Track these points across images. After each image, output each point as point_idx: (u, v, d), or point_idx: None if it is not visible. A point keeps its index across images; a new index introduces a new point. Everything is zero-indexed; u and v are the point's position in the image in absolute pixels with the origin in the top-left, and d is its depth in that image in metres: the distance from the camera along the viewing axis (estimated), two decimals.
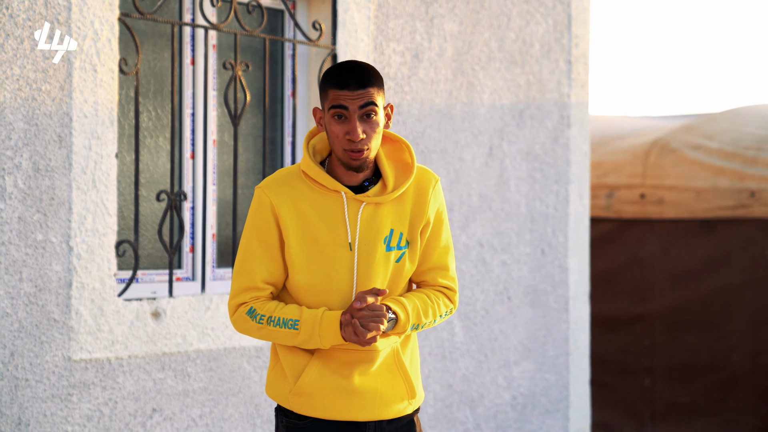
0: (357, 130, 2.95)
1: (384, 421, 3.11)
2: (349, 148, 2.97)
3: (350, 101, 2.96)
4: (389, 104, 3.09)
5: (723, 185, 7.38)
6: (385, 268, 3.06)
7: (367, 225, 3.04)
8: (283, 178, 3.09)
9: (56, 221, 4.29)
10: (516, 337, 6.10)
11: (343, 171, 3.06)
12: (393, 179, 3.08)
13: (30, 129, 4.21)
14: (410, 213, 3.09)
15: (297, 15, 5.24)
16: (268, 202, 3.05)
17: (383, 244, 3.05)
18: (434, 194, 3.12)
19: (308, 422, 3.10)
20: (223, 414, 4.83)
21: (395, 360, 3.10)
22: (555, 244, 6.29)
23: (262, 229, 3.06)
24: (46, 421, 4.28)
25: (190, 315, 4.70)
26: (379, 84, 3.01)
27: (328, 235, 3.03)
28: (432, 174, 3.15)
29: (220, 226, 5.06)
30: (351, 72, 2.98)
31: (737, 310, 7.31)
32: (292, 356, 3.09)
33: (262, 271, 3.06)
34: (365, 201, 3.04)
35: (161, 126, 4.87)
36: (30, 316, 4.23)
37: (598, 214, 7.76)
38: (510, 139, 6.03)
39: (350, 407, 3.06)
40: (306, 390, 3.07)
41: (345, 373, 3.06)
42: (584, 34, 6.44)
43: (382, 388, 3.08)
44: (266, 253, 3.06)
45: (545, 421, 6.27)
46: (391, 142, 3.15)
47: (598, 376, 7.49)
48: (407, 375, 3.12)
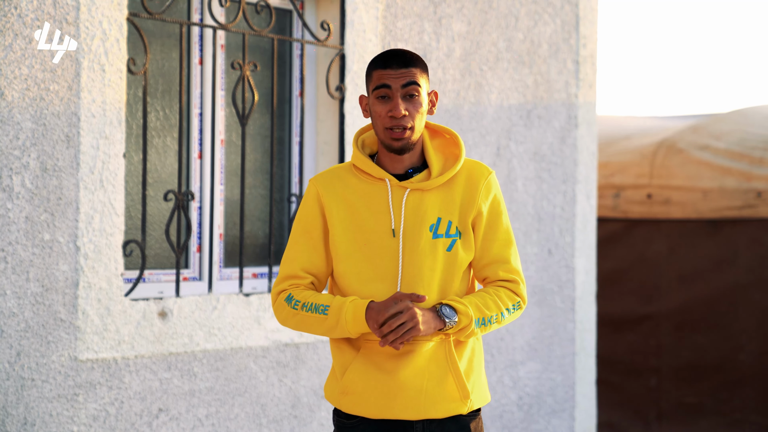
0: (399, 106, 2.98)
1: (434, 422, 3.05)
2: (391, 125, 3.00)
3: (393, 80, 2.99)
4: (433, 91, 3.11)
5: (730, 185, 7.36)
6: (432, 255, 3.03)
7: (413, 212, 3.04)
8: (334, 171, 3.15)
9: (63, 221, 4.29)
10: (522, 337, 6.10)
11: (389, 161, 3.09)
12: (439, 167, 3.09)
13: (38, 129, 4.21)
14: (460, 202, 3.08)
15: (305, 15, 5.24)
16: (315, 192, 3.11)
17: (429, 232, 3.03)
18: (487, 186, 3.10)
19: (356, 422, 3.08)
20: (230, 414, 4.83)
21: (447, 357, 3.05)
22: (562, 244, 6.28)
23: (307, 219, 3.11)
24: (52, 420, 4.29)
25: (197, 315, 4.70)
26: (423, 67, 3.04)
27: (373, 222, 3.05)
28: (486, 167, 3.14)
29: (228, 226, 5.06)
30: (394, 54, 3.03)
31: (744, 310, 7.30)
32: (340, 353, 3.10)
33: (302, 260, 3.10)
34: (409, 187, 3.04)
35: (169, 126, 4.87)
36: (37, 316, 4.23)
37: (605, 214, 7.75)
38: (517, 139, 6.02)
39: (393, 405, 3.02)
40: (351, 387, 3.05)
41: (388, 368, 3.02)
42: (592, 34, 6.43)
43: (428, 384, 3.03)
44: (308, 243, 3.10)
45: (551, 421, 6.27)
46: (442, 136, 3.17)
47: (604, 376, 7.48)
48: (459, 373, 3.05)
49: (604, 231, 7.62)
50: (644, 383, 7.67)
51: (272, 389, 4.96)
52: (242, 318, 4.84)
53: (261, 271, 5.13)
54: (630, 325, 7.72)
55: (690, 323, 7.49)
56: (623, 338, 7.73)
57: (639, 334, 7.68)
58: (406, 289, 3.02)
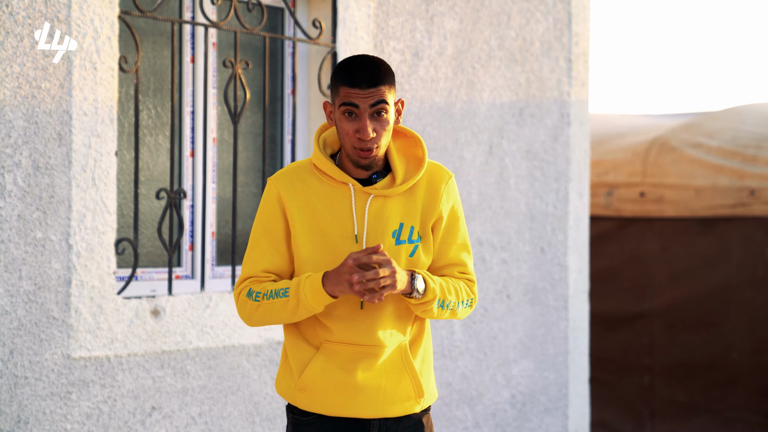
0: (367, 128, 2.95)
1: (390, 420, 3.08)
2: (359, 146, 2.97)
3: (361, 99, 2.95)
4: (400, 100, 3.08)
5: (723, 183, 7.37)
6: (395, 261, 3.01)
7: (375, 218, 3.03)
8: (294, 171, 3.10)
9: (56, 219, 4.29)
10: (515, 336, 6.10)
11: (352, 165, 3.06)
12: (402, 173, 3.07)
13: (30, 127, 4.20)
14: (421, 207, 3.08)
15: (297, 13, 5.24)
16: (276, 192, 3.07)
17: (392, 238, 3.03)
18: (447, 190, 3.11)
19: (312, 418, 3.09)
20: (222, 412, 4.83)
21: (402, 357, 3.08)
22: (554, 243, 6.29)
23: (268, 220, 3.07)
24: (45, 419, 4.28)
25: (190, 313, 4.70)
26: (391, 81, 3.00)
27: (335, 227, 3.03)
28: (446, 170, 3.13)
29: (220, 225, 5.06)
30: (362, 69, 2.96)
31: (737, 309, 7.31)
32: (297, 350, 3.09)
33: (264, 261, 3.07)
34: (373, 193, 3.03)
35: (161, 124, 4.87)
36: (29, 314, 4.23)
37: (597, 213, 7.75)
38: (510, 138, 6.02)
39: (353, 403, 3.04)
40: (309, 385, 3.05)
41: (348, 368, 3.03)
42: (584, 32, 6.43)
43: (386, 384, 3.05)
44: (270, 244, 3.07)
45: (544, 420, 6.27)
46: (404, 137, 3.15)
47: (597, 374, 7.49)
48: (415, 373, 3.08)
49: (597, 229, 7.62)
50: (637, 381, 7.67)
51: (265, 387, 4.96)
52: (235, 316, 4.84)
53: None
54: (623, 324, 7.73)
55: (682, 321, 7.50)
56: (616, 336, 7.73)
57: (632, 332, 7.69)
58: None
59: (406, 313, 3.08)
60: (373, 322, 3.03)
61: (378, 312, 3.03)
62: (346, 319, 3.03)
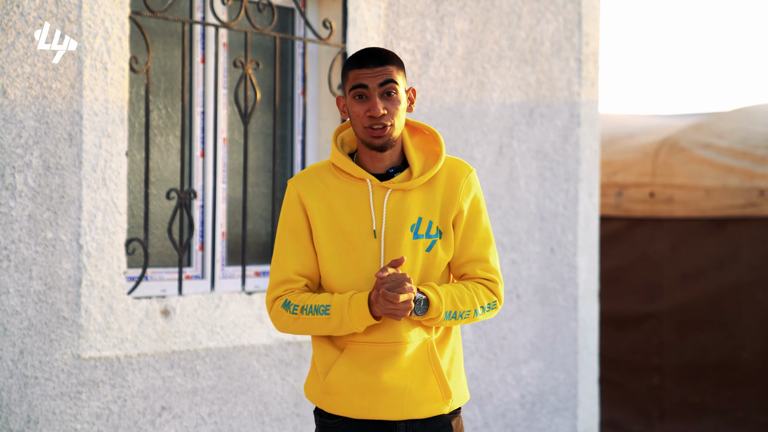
0: (377, 105, 2.96)
1: (417, 422, 3.05)
2: (370, 124, 2.98)
3: (369, 79, 2.97)
4: (411, 88, 3.09)
5: (732, 184, 7.36)
6: (413, 256, 3.02)
7: (393, 213, 3.03)
8: (313, 171, 3.12)
9: (66, 219, 4.29)
10: (525, 336, 6.10)
11: (369, 160, 3.07)
12: (420, 166, 3.07)
13: (40, 127, 4.21)
14: (441, 202, 3.07)
15: (307, 13, 5.24)
16: (295, 193, 3.08)
17: (410, 232, 3.02)
18: (467, 184, 3.09)
19: (338, 421, 3.08)
20: (232, 412, 4.83)
21: (429, 357, 3.05)
22: (564, 243, 6.28)
23: (291, 221, 3.08)
24: (55, 419, 4.29)
25: (200, 313, 4.71)
26: (399, 64, 3.02)
27: (354, 223, 3.03)
28: (466, 165, 3.13)
29: (230, 225, 5.07)
30: (369, 53, 3.00)
31: (747, 309, 7.30)
32: (322, 353, 3.08)
33: (294, 263, 3.07)
34: (390, 188, 3.03)
35: (171, 124, 4.87)
36: (39, 314, 4.23)
37: (607, 213, 7.74)
38: (520, 138, 6.02)
39: (377, 405, 3.02)
40: (334, 388, 3.05)
41: (372, 369, 3.02)
42: (594, 32, 6.42)
43: (411, 385, 3.03)
44: (297, 245, 3.07)
45: (554, 420, 6.27)
46: (422, 134, 3.15)
47: (607, 374, 7.48)
48: (441, 373, 3.05)
49: (607, 229, 7.62)
50: (647, 382, 7.67)
51: (275, 387, 4.96)
52: (245, 316, 4.85)
53: (263, 270, 5.13)
54: (632, 324, 7.72)
55: (692, 322, 7.49)
56: (626, 337, 7.73)
57: (641, 332, 7.68)
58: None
59: None
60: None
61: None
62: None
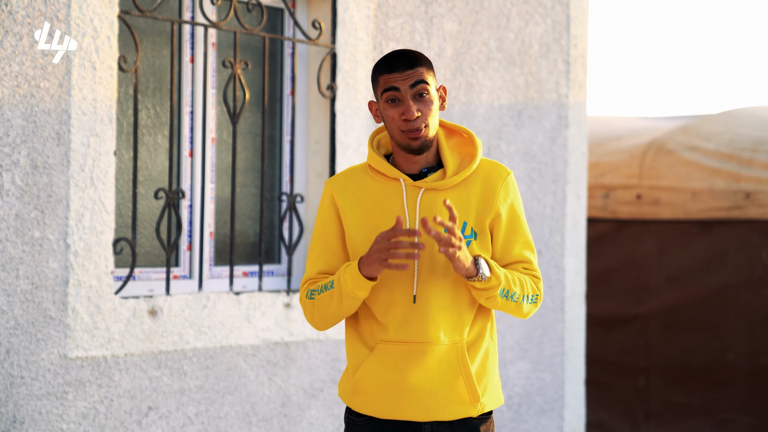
0: (411, 108, 2.97)
1: (443, 423, 3.04)
2: (407, 128, 2.99)
3: (401, 82, 2.99)
4: (442, 86, 3.10)
5: (719, 186, 7.38)
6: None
7: (427, 211, 3.03)
8: (349, 172, 3.15)
9: (54, 218, 4.28)
10: (512, 337, 6.10)
11: (404, 161, 3.08)
12: (454, 166, 3.07)
13: (28, 126, 4.20)
14: (477, 203, 3.06)
15: (297, 14, 5.24)
16: (329, 194, 3.11)
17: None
18: (505, 187, 3.09)
19: (364, 420, 3.09)
20: (219, 412, 4.83)
21: (458, 359, 3.04)
22: (552, 244, 6.29)
23: (323, 223, 3.12)
24: (41, 418, 4.28)
25: (187, 313, 4.70)
26: (428, 65, 3.03)
27: (388, 222, 3.03)
28: (504, 168, 3.12)
29: (218, 225, 5.06)
30: (398, 56, 3.02)
31: (733, 311, 7.32)
32: (354, 351, 3.10)
33: (320, 263, 3.11)
34: (424, 187, 3.03)
35: (160, 124, 4.87)
36: (26, 314, 4.22)
37: (594, 215, 7.76)
38: (508, 139, 6.03)
39: (403, 405, 3.02)
40: (362, 387, 3.05)
41: (400, 368, 3.02)
42: (583, 34, 6.44)
43: (438, 387, 3.02)
44: (325, 247, 3.10)
45: (540, 421, 6.28)
46: (459, 136, 3.15)
47: (593, 375, 7.50)
48: (470, 376, 3.03)
49: (594, 231, 7.63)
50: (633, 383, 7.68)
51: (262, 388, 4.96)
52: (232, 316, 4.84)
53: (251, 270, 5.13)
54: (619, 325, 7.74)
55: (679, 323, 7.51)
56: (612, 338, 7.74)
57: (628, 334, 7.70)
58: (421, 292, 3.02)
59: (465, 310, 3.06)
60: (426, 318, 3.01)
61: (431, 307, 3.01)
62: (400, 315, 3.02)
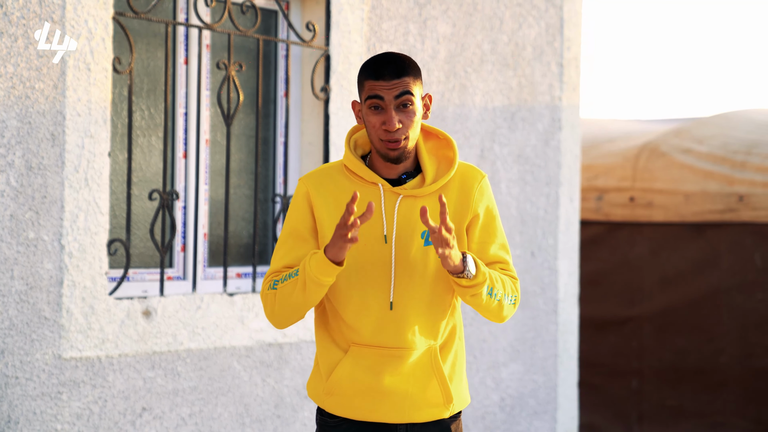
0: (393, 120, 2.94)
1: (417, 425, 3.06)
2: (386, 138, 2.96)
3: (386, 91, 2.94)
4: (427, 94, 3.07)
5: (712, 189, 7.41)
6: (423, 262, 3.00)
7: (405, 218, 3.00)
8: (324, 171, 3.10)
9: (48, 219, 4.29)
10: (505, 339, 6.12)
11: (382, 165, 3.04)
12: (433, 173, 3.05)
13: (23, 127, 4.21)
14: (453, 208, 3.05)
15: (291, 16, 5.25)
16: (305, 191, 3.06)
17: (421, 239, 2.99)
18: (480, 190, 3.08)
19: (338, 421, 3.08)
20: (213, 413, 4.83)
21: (431, 362, 3.04)
22: (545, 247, 6.31)
23: (295, 219, 3.06)
24: (35, 419, 4.29)
25: (181, 314, 4.71)
26: (416, 74, 2.99)
27: (364, 227, 2.99)
28: (478, 171, 3.11)
29: (212, 226, 5.07)
30: (386, 62, 2.97)
31: (726, 313, 7.34)
32: (326, 353, 3.07)
33: (289, 259, 3.04)
34: (402, 194, 3.01)
35: (154, 125, 4.88)
36: (21, 314, 4.23)
37: (587, 217, 7.78)
38: (501, 142, 6.04)
39: (379, 408, 3.03)
40: (336, 389, 3.04)
41: (375, 372, 3.01)
42: (576, 37, 6.45)
43: (413, 390, 3.03)
44: (296, 241, 3.04)
45: (533, 423, 6.29)
46: (436, 138, 3.13)
47: (586, 377, 7.51)
48: (443, 378, 3.05)
49: (587, 233, 7.65)
50: (626, 385, 7.70)
51: (255, 389, 4.97)
52: (226, 317, 4.85)
53: (245, 271, 5.14)
54: (612, 328, 7.75)
55: (672, 326, 7.53)
56: (605, 340, 7.76)
57: (621, 336, 7.72)
58: (398, 298, 3.00)
59: (440, 315, 3.06)
60: (403, 324, 3.00)
61: (408, 314, 3.01)
62: (375, 320, 3.00)
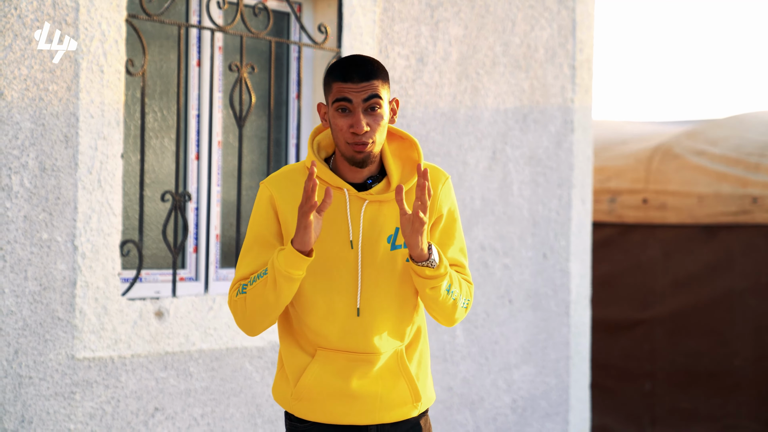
0: (361, 122, 2.89)
1: (387, 425, 3.05)
2: (353, 141, 2.91)
3: (354, 94, 2.90)
4: (395, 99, 3.03)
5: (725, 191, 7.40)
6: (390, 267, 2.98)
7: (370, 223, 2.97)
8: (287, 174, 3.05)
9: (61, 220, 4.31)
10: (517, 341, 6.12)
11: (347, 168, 3.00)
12: (398, 177, 3.01)
13: (37, 129, 4.23)
14: None
15: (303, 18, 5.27)
16: (268, 195, 3.01)
17: (387, 243, 2.97)
18: (444, 191, 3.05)
19: (308, 425, 3.06)
20: (225, 414, 4.85)
21: (398, 363, 3.04)
22: (557, 248, 6.31)
23: (260, 224, 3.01)
24: (49, 418, 4.31)
25: (193, 315, 4.73)
26: (384, 77, 2.95)
27: (330, 232, 2.96)
28: (442, 172, 3.07)
29: (224, 227, 5.09)
30: (355, 65, 2.92)
31: (739, 316, 7.33)
32: (292, 357, 3.04)
33: (255, 265, 2.99)
34: (368, 199, 2.97)
35: (167, 127, 4.90)
36: (34, 315, 4.25)
37: (600, 219, 7.78)
38: (513, 143, 6.05)
39: (350, 411, 3.01)
40: (305, 394, 3.02)
41: (344, 376, 2.99)
42: (588, 39, 6.46)
43: (383, 391, 3.02)
44: (262, 248, 2.99)
45: (545, 425, 6.29)
46: (400, 140, 3.09)
47: (598, 380, 7.51)
48: (411, 378, 3.05)
49: (600, 235, 7.65)
50: (638, 388, 7.69)
51: (267, 389, 4.98)
52: None
53: None
54: (624, 330, 7.75)
55: (685, 328, 7.52)
56: (618, 342, 7.75)
57: (633, 338, 7.71)
58: (365, 304, 2.97)
59: (407, 318, 3.04)
60: (370, 330, 2.98)
61: (375, 320, 2.99)
62: (342, 326, 2.98)
